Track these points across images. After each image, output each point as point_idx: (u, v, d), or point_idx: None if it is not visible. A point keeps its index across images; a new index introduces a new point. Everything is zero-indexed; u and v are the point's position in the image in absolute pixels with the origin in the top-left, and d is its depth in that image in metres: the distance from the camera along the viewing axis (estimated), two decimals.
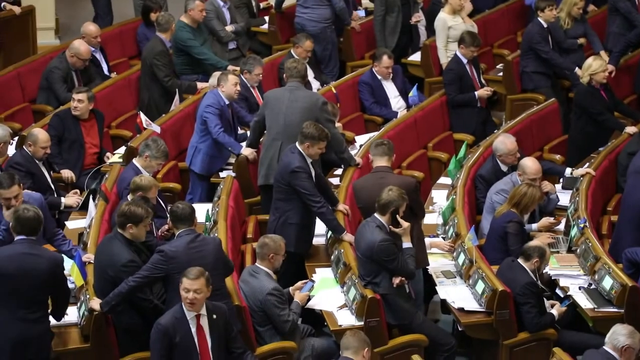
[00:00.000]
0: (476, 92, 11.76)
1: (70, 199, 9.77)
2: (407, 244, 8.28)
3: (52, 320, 7.89)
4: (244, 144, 10.52)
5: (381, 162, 9.02)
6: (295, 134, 9.28)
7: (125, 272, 7.71)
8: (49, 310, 7.68)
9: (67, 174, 10.37)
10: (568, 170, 10.26)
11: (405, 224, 8.23)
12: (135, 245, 7.95)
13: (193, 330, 7.22)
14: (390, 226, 8.24)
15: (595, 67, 11.13)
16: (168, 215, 8.19)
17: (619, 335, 7.29)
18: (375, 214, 8.30)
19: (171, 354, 7.20)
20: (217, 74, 10.96)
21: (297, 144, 9.09)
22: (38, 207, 8.25)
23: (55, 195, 9.82)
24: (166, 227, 8.75)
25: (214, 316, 7.27)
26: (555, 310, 8.30)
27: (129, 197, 8.71)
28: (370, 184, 8.96)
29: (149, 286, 7.79)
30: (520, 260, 8.37)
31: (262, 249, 8.19)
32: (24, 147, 9.84)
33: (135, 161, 9.47)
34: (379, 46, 12.99)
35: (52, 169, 10.16)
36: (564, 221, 9.58)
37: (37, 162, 9.76)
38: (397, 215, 8.22)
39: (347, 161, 10.09)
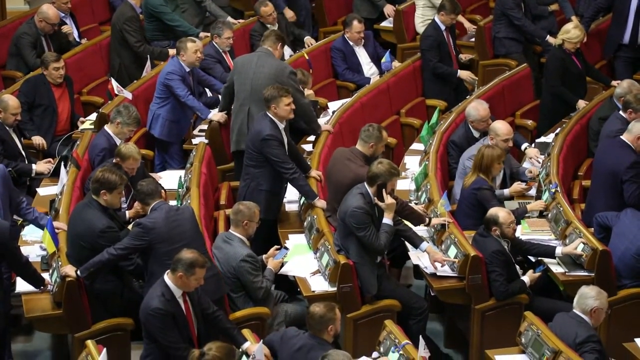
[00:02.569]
0: (459, 72, 11.74)
1: (42, 165, 9.72)
2: (387, 220, 8.24)
3: (21, 288, 7.92)
4: (215, 110, 10.50)
5: (359, 145, 8.97)
6: (261, 98, 9.25)
7: (103, 237, 7.69)
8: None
9: (37, 140, 10.31)
10: (524, 146, 10.26)
11: (390, 201, 8.19)
12: (109, 212, 7.93)
13: (183, 307, 7.20)
14: (375, 198, 8.23)
15: (571, 35, 11.16)
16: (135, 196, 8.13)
17: (586, 298, 7.37)
18: (365, 183, 8.30)
19: None
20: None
21: (266, 111, 9.07)
22: (0, 177, 8.22)
23: (26, 162, 9.76)
24: (136, 210, 8.64)
25: None
26: (528, 276, 8.33)
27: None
28: (337, 156, 9.04)
29: (129, 257, 7.75)
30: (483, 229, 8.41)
31: (236, 216, 8.18)
32: None
33: (106, 128, 9.43)
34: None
35: (22, 135, 10.10)
36: (535, 186, 9.63)
37: (7, 128, 9.69)
38: (384, 190, 8.19)
39: (315, 131, 10.09)
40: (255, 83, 9.75)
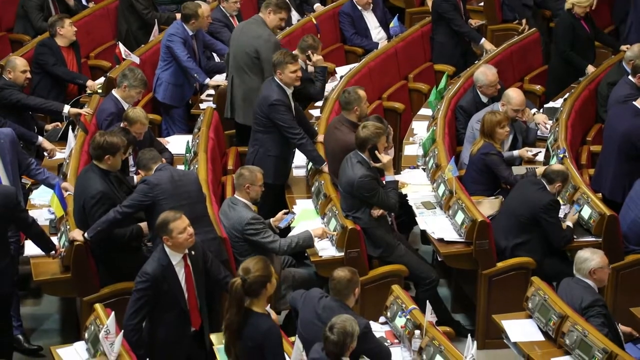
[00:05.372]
0: (483, 40, 11.71)
1: (47, 143, 9.57)
2: (390, 177, 8.26)
3: (30, 252, 7.95)
4: (223, 75, 10.51)
5: (344, 113, 8.96)
6: (240, 66, 9.43)
7: (94, 203, 7.65)
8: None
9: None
10: (533, 111, 10.20)
11: (386, 158, 8.20)
12: (116, 176, 7.94)
13: (180, 276, 7.09)
14: (371, 162, 8.22)
15: None
16: (137, 167, 8.12)
17: (582, 262, 7.39)
18: (357, 150, 8.28)
19: (156, 301, 7.07)
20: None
21: (274, 76, 9.05)
22: (9, 142, 8.23)
23: (35, 127, 9.75)
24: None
25: (193, 252, 7.17)
26: (569, 220, 8.40)
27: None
28: (329, 125, 9.10)
29: (135, 214, 7.74)
30: (544, 181, 8.40)
31: (238, 180, 8.16)
32: (3, 76, 9.74)
33: (114, 92, 9.41)
34: None
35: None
36: (543, 151, 9.62)
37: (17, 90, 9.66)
38: (376, 151, 8.19)
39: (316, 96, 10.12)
40: (236, 51, 9.80)
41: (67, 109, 9.72)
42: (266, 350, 6.53)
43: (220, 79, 10.54)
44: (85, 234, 7.63)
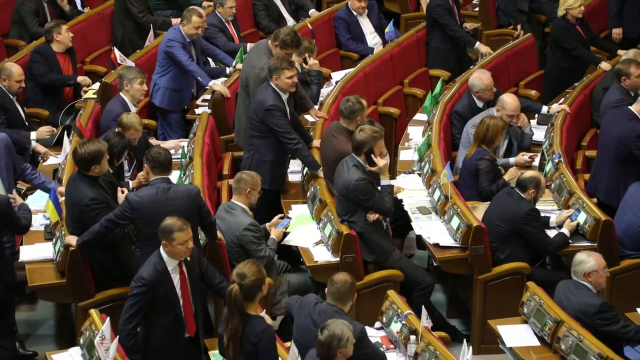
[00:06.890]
0: (478, 44, 11.72)
1: (40, 147, 9.52)
2: (385, 181, 8.26)
3: (25, 257, 7.94)
4: (221, 80, 10.50)
5: (344, 122, 8.89)
6: (240, 86, 9.45)
7: (88, 210, 7.63)
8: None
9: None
10: (545, 109, 10.28)
11: (382, 162, 8.20)
12: (110, 182, 7.91)
13: (175, 281, 7.07)
14: (367, 165, 8.22)
15: (570, 2, 11.13)
16: (145, 160, 8.00)
17: (577, 265, 7.42)
18: (353, 154, 8.28)
19: (152, 305, 7.06)
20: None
21: (270, 81, 9.05)
22: (4, 146, 8.22)
23: (29, 132, 9.73)
24: (143, 174, 8.55)
25: (188, 258, 7.14)
26: (566, 227, 8.38)
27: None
28: (327, 131, 9.07)
29: (118, 229, 7.67)
30: (517, 190, 8.40)
31: (238, 184, 8.16)
32: None
33: (121, 94, 9.42)
34: None
35: (23, 105, 10.01)
36: (539, 156, 9.63)
37: (11, 97, 9.66)
38: (372, 155, 8.18)
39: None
40: (241, 71, 9.79)
41: (34, 142, 9.45)
42: (259, 349, 6.54)
43: (220, 84, 10.48)
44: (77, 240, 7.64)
